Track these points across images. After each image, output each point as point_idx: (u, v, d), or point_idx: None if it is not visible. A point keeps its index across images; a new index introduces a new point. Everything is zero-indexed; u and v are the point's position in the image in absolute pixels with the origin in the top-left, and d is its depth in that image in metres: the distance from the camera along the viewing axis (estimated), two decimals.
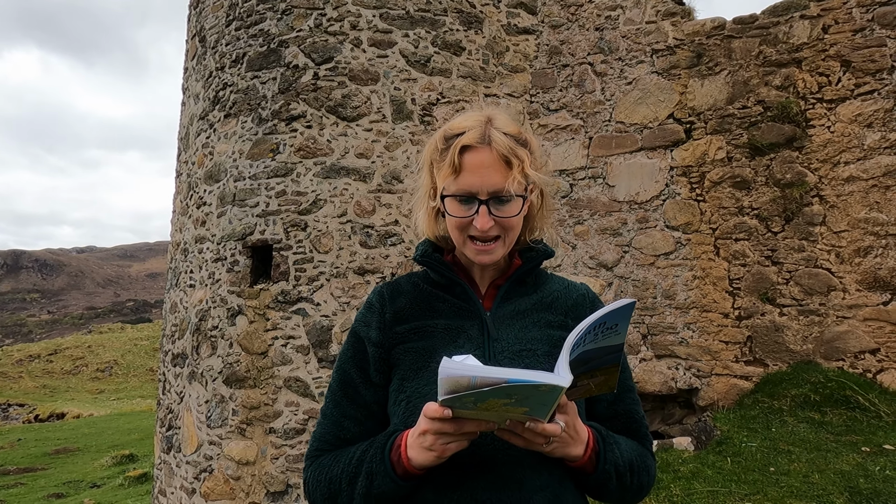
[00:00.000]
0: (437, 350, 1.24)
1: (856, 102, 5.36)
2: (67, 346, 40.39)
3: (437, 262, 1.34)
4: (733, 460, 4.31)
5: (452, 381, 0.97)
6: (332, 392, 1.33)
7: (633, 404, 1.35)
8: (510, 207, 1.24)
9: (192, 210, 6.39)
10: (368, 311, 1.35)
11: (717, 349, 5.70)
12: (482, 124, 1.25)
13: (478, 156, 1.22)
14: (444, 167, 1.26)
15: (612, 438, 1.23)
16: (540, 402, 1.00)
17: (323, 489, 1.23)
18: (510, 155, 1.22)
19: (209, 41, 6.53)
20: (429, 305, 1.32)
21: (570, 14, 6.56)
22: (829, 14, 5.50)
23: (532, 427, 1.05)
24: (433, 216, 1.35)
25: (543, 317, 1.31)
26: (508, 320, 1.29)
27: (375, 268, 5.66)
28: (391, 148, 5.83)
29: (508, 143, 1.24)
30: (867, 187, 5.28)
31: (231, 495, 5.49)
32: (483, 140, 1.23)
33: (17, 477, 12.48)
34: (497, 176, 1.22)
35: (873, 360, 5.17)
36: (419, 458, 1.09)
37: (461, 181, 1.23)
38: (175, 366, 6.30)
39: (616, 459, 1.20)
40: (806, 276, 5.44)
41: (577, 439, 1.14)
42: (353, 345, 1.33)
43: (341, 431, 1.29)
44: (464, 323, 1.28)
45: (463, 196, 1.23)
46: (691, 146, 5.96)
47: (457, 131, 1.26)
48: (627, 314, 1.06)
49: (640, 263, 6.06)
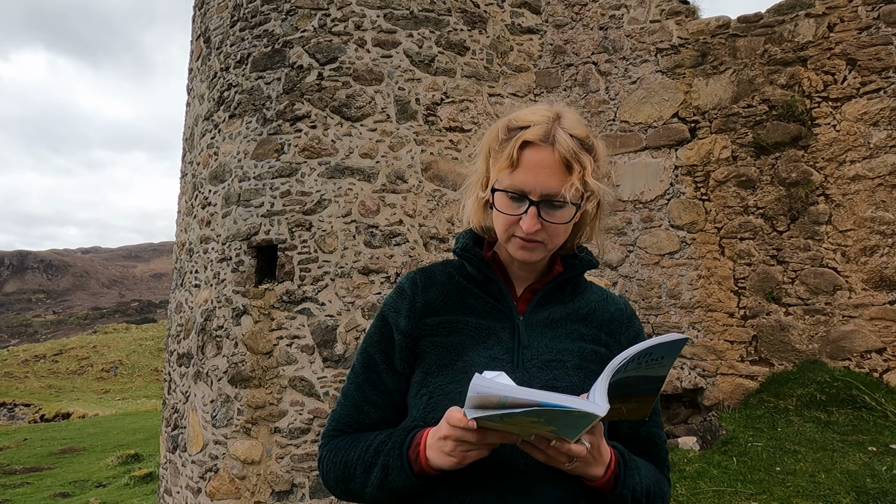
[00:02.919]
0: (465, 349, 1.21)
1: (861, 101, 5.34)
2: (73, 347, 40.52)
3: (476, 258, 1.29)
4: (739, 460, 4.30)
5: (482, 398, 0.95)
6: (356, 374, 1.31)
7: (656, 427, 1.32)
8: (561, 214, 1.17)
9: (197, 210, 6.41)
10: (399, 297, 1.30)
11: (722, 349, 5.69)
12: (549, 121, 1.18)
13: (538, 154, 1.16)
14: (500, 159, 1.19)
15: (633, 463, 1.20)
16: (570, 424, 0.98)
17: (337, 471, 1.23)
18: (572, 159, 1.15)
19: (214, 42, 6.55)
20: (461, 300, 1.27)
21: (574, 13, 6.55)
22: (834, 12, 5.48)
23: (557, 447, 1.02)
24: (482, 206, 1.29)
25: (577, 328, 1.27)
26: (541, 328, 1.25)
27: (380, 268, 5.66)
28: (395, 148, 5.83)
29: (573, 146, 1.16)
30: (873, 186, 5.26)
31: (236, 494, 5.50)
32: (547, 139, 1.16)
33: (24, 476, 12.53)
34: (554, 179, 1.15)
35: (879, 359, 5.15)
36: (438, 460, 1.08)
37: (515, 177, 1.16)
38: (180, 365, 6.32)
39: (634, 485, 1.17)
40: (812, 275, 5.43)
41: (600, 460, 1.11)
42: (380, 329, 1.30)
43: (361, 415, 1.28)
44: (495, 324, 1.24)
45: (514, 193, 1.17)
46: (696, 145, 5.94)
47: (521, 124, 1.19)
48: (677, 349, 1.02)
49: (645, 263, 6.05)
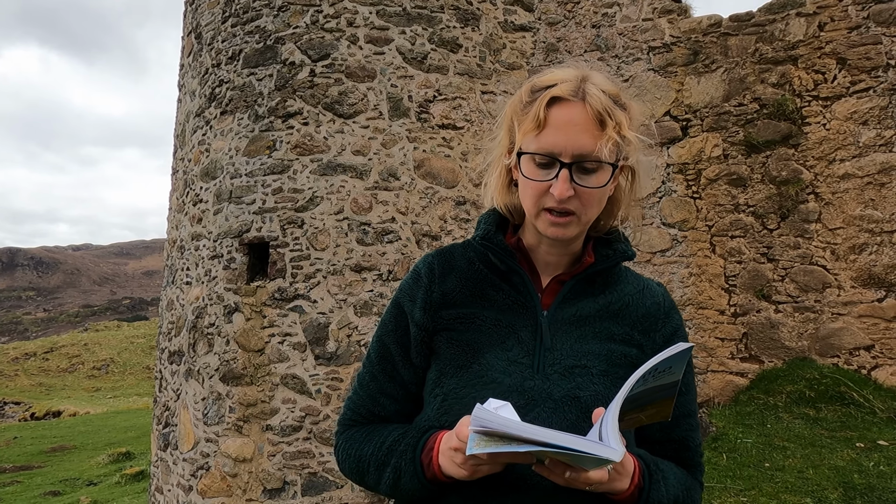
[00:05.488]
0: (483, 350, 1.12)
1: (851, 100, 5.37)
2: (63, 344, 40.28)
3: (499, 247, 1.16)
4: (729, 456, 4.33)
5: (486, 432, 0.89)
6: (371, 363, 1.25)
7: (689, 430, 1.21)
8: (596, 177, 1.05)
9: (189, 207, 6.37)
10: (415, 284, 1.20)
11: (713, 346, 5.72)
12: (577, 78, 1.07)
13: (568, 111, 1.04)
14: (525, 121, 1.07)
15: (659, 474, 1.09)
16: (584, 462, 0.91)
17: (352, 463, 1.21)
18: (606, 114, 1.03)
19: (205, 38, 6.51)
20: (481, 292, 1.17)
21: (567, 11, 6.56)
22: (824, 11, 5.51)
23: (574, 477, 0.93)
24: (506, 182, 1.18)
25: (607, 327, 1.15)
26: (567, 326, 1.14)
27: (372, 265, 5.66)
28: (388, 145, 5.82)
29: (606, 101, 1.05)
30: (862, 184, 5.30)
31: (228, 492, 5.49)
32: (577, 94, 1.05)
33: (13, 475, 12.46)
34: (587, 137, 1.03)
35: (868, 356, 5.20)
36: (449, 470, 1.02)
37: (543, 138, 1.05)
38: (172, 363, 6.30)
39: (661, 497, 1.07)
40: (801, 273, 5.46)
41: (624, 473, 1.01)
42: (395, 317, 1.22)
43: (376, 407, 1.23)
44: (516, 321, 1.14)
45: (544, 157, 1.05)
46: (688, 143, 5.97)
47: (547, 84, 1.08)
48: (684, 357, 0.95)
49: (637, 260, 6.07)
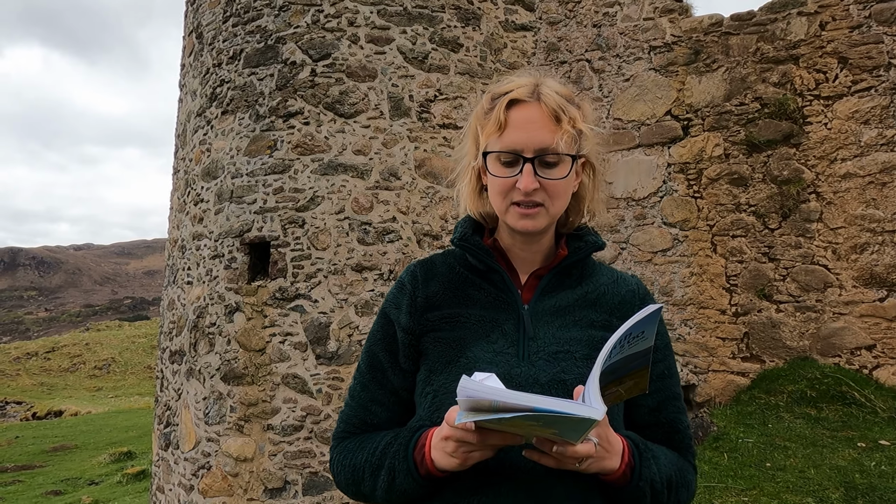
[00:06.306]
0: (468, 344, 1.17)
1: (853, 99, 5.37)
2: (65, 344, 40.33)
3: (475, 247, 1.24)
4: (730, 456, 4.33)
5: (472, 402, 0.92)
6: (361, 374, 1.28)
7: (677, 413, 1.25)
8: (559, 170, 1.14)
9: (190, 207, 6.38)
10: (399, 292, 1.26)
11: (714, 345, 5.72)
12: (532, 83, 1.17)
13: (525, 111, 1.14)
14: (488, 125, 1.17)
15: (649, 453, 1.13)
16: (570, 427, 0.95)
17: (347, 474, 1.22)
18: (560, 111, 1.14)
19: (206, 38, 6.51)
20: (463, 292, 1.23)
21: (568, 11, 6.55)
22: (826, 11, 5.51)
23: (562, 451, 0.97)
24: (476, 189, 1.26)
25: (586, 315, 1.21)
26: (548, 317, 1.20)
27: (373, 265, 5.66)
28: (389, 145, 5.82)
29: (559, 100, 1.15)
30: (864, 184, 5.30)
31: (229, 492, 5.49)
32: (533, 95, 1.15)
33: (15, 474, 12.47)
34: (545, 132, 1.13)
35: (869, 356, 5.19)
36: (442, 461, 1.05)
37: (506, 138, 1.14)
38: (173, 363, 6.30)
39: (652, 476, 1.11)
40: (803, 272, 5.46)
41: (612, 451, 1.05)
42: (382, 326, 1.27)
43: (368, 416, 1.26)
44: (499, 316, 1.19)
45: (508, 155, 1.14)
46: (689, 143, 5.96)
47: (505, 90, 1.18)
48: (654, 319, 1.00)
49: (638, 260, 6.07)
